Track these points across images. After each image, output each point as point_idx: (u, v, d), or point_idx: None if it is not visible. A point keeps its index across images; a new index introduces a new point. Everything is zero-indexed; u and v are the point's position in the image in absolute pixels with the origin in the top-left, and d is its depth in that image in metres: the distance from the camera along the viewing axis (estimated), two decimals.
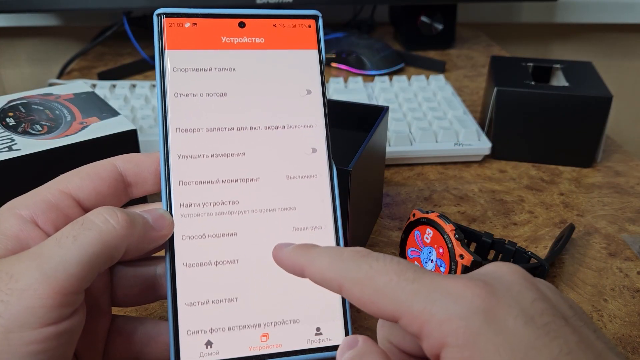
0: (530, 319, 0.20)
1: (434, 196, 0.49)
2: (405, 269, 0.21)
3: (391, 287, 0.21)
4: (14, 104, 0.41)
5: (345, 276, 0.22)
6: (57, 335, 0.21)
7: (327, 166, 0.28)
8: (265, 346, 0.26)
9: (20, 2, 0.70)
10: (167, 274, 0.26)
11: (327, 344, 0.26)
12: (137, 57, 0.78)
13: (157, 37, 0.27)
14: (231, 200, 0.27)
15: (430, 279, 0.21)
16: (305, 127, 0.28)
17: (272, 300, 0.26)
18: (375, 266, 0.22)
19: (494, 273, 0.22)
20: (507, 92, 0.53)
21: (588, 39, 1.07)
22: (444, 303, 0.20)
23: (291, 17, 0.29)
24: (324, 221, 0.28)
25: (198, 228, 0.26)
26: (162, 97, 0.27)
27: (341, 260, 0.23)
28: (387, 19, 0.97)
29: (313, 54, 0.29)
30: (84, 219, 0.23)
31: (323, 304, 0.27)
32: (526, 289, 0.21)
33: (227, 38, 0.28)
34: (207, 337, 0.25)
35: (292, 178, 0.28)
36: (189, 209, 0.26)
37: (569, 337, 0.19)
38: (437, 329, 0.20)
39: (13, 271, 0.21)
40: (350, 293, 0.22)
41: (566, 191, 0.51)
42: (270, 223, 0.27)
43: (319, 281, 0.23)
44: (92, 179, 0.26)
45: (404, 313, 0.21)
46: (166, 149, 0.27)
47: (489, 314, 0.20)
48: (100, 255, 0.22)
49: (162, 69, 0.27)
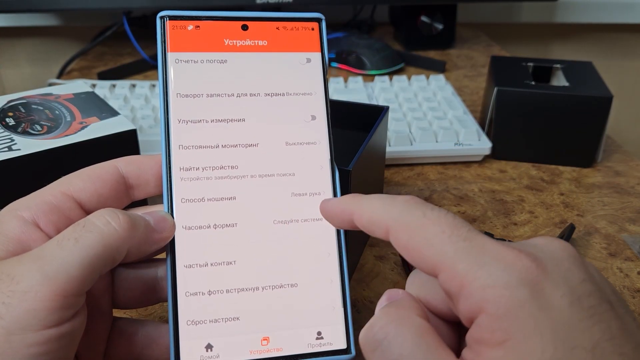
0: (577, 299, 0.19)
1: (434, 196, 0.49)
2: (460, 225, 0.21)
3: (441, 239, 0.20)
4: (14, 104, 0.41)
5: (396, 219, 0.22)
6: (59, 337, 0.21)
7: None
8: (265, 350, 0.25)
9: (20, 2, 0.70)
10: (168, 272, 0.26)
11: (328, 348, 0.26)
12: (137, 57, 0.78)
13: (160, 39, 0.27)
14: (231, 165, 0.27)
15: (483, 241, 0.20)
16: (305, 95, 0.29)
17: (273, 304, 0.26)
18: (429, 215, 0.21)
19: (545, 247, 0.21)
20: (507, 92, 0.53)
21: (588, 38, 1.07)
22: (492, 268, 0.19)
23: (294, 20, 0.29)
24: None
25: (197, 192, 0.27)
26: (165, 99, 0.27)
27: (393, 205, 0.22)
28: (387, 19, 0.97)
29: (316, 56, 0.29)
30: (85, 221, 0.23)
31: (324, 308, 0.26)
32: (576, 268, 0.20)
33: (229, 40, 0.28)
34: (207, 341, 0.25)
35: (291, 144, 0.28)
36: (188, 172, 0.27)
37: (612, 322, 0.19)
38: (479, 293, 0.19)
39: (14, 273, 0.21)
40: (397, 237, 0.22)
41: (566, 191, 0.51)
42: (269, 188, 0.27)
43: (366, 225, 0.23)
44: (93, 181, 0.26)
45: (448, 268, 0.20)
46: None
47: (535, 287, 0.19)
48: (101, 258, 0.22)
49: (164, 71, 0.27)
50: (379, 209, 0.23)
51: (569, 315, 0.19)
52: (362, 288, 0.38)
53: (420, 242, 0.21)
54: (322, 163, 0.28)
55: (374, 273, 0.40)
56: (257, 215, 0.27)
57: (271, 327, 0.26)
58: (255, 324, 0.26)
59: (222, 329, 0.25)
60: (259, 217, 0.27)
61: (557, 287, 0.19)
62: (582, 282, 0.20)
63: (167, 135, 0.27)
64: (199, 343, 0.25)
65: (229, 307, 0.26)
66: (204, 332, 0.25)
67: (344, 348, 0.26)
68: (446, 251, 0.20)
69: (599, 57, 1.07)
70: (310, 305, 0.26)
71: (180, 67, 0.27)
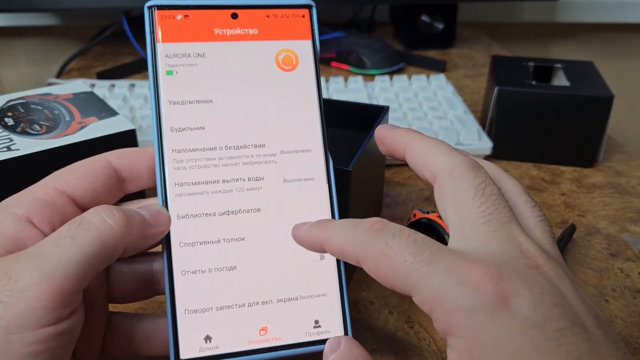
0: (544, 322, 0.19)
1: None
2: (421, 249, 0.21)
3: (405, 268, 0.21)
4: (13, 104, 0.40)
5: (362, 251, 0.23)
6: (57, 335, 0.21)
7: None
8: (264, 340, 0.25)
9: (19, 2, 0.70)
10: (165, 275, 0.25)
11: (326, 336, 0.26)
12: (136, 56, 0.78)
13: (149, 29, 0.27)
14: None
15: (447, 262, 0.21)
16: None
17: (270, 294, 0.26)
18: (391, 244, 0.22)
19: (524, 268, 0.21)
20: (508, 91, 0.53)
21: (589, 38, 1.07)
22: (454, 293, 0.20)
23: (284, 7, 0.29)
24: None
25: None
26: (155, 82, 0.27)
27: (357, 235, 0.23)
28: (387, 19, 0.97)
29: (307, 44, 0.29)
30: (81, 219, 0.23)
31: (321, 296, 0.27)
32: (550, 293, 0.20)
33: (219, 30, 0.28)
34: (206, 332, 0.25)
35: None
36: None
37: (583, 344, 0.19)
38: (444, 317, 0.20)
39: (12, 272, 0.21)
40: (367, 267, 0.23)
41: (567, 191, 0.51)
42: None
43: (339, 256, 0.24)
44: (86, 176, 0.26)
45: (416, 293, 0.21)
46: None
47: (498, 310, 0.19)
48: (98, 255, 0.22)
49: (154, 63, 0.27)
50: (346, 242, 0.23)
51: (532, 337, 0.19)
52: (362, 289, 0.38)
53: (387, 272, 0.22)
54: (317, 168, 0.28)
55: None
56: (253, 204, 0.27)
57: (269, 316, 0.26)
58: (253, 314, 0.26)
59: (220, 319, 0.25)
60: (255, 207, 0.27)
61: (522, 309, 0.19)
62: (554, 306, 0.20)
63: (158, 119, 0.26)
64: (198, 335, 0.25)
65: (227, 297, 0.26)
66: (202, 324, 0.25)
67: (341, 335, 0.26)
68: (411, 278, 0.21)
69: (600, 57, 1.07)
70: (307, 294, 0.26)
71: (173, 109, 0.27)
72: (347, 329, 0.26)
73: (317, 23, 0.29)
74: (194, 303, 0.25)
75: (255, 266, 0.26)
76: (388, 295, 0.37)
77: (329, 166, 0.28)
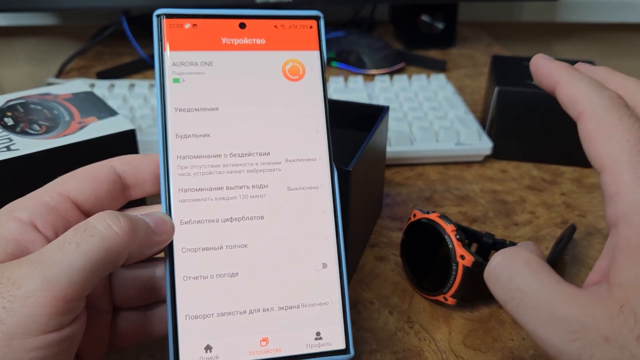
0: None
1: (435, 196, 0.49)
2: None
3: (622, 146, 0.22)
4: (12, 104, 0.40)
5: (594, 110, 0.23)
6: (59, 342, 0.21)
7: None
8: (265, 351, 0.25)
9: (18, 1, 0.70)
10: (167, 280, 0.25)
11: (327, 348, 0.26)
12: (136, 56, 0.78)
13: (157, 38, 0.27)
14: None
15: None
16: (309, 112, 0.29)
17: (271, 301, 0.26)
18: (624, 121, 0.22)
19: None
20: (508, 91, 0.53)
21: (590, 38, 1.07)
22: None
23: (292, 18, 0.29)
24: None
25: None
26: (162, 89, 0.27)
27: (598, 95, 0.23)
28: (387, 18, 0.97)
29: (314, 55, 0.29)
30: (86, 225, 0.23)
31: (323, 305, 0.26)
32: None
33: (227, 39, 0.28)
34: (206, 341, 0.25)
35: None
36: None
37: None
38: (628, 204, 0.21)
39: (15, 277, 0.21)
40: (585, 125, 0.23)
41: (568, 191, 0.51)
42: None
43: (564, 100, 0.25)
44: (90, 182, 0.26)
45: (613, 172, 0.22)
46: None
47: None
48: (103, 262, 0.22)
49: (161, 70, 0.27)
50: (583, 93, 0.24)
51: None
52: (362, 289, 0.38)
53: (603, 139, 0.22)
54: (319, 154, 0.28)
55: (375, 274, 0.40)
56: (256, 212, 0.27)
57: (270, 327, 0.26)
58: (254, 321, 0.26)
59: (221, 327, 0.25)
60: (259, 214, 0.27)
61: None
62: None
63: (163, 125, 0.26)
64: (198, 344, 0.25)
65: (228, 304, 0.26)
66: (203, 330, 0.25)
67: (342, 348, 0.26)
68: (620, 157, 0.22)
69: (601, 57, 1.07)
70: (309, 302, 0.26)
71: (179, 115, 0.27)
72: (349, 342, 0.26)
73: (325, 34, 0.29)
74: (194, 309, 0.25)
75: (257, 273, 0.26)
76: (388, 295, 0.37)
77: (333, 175, 0.28)
